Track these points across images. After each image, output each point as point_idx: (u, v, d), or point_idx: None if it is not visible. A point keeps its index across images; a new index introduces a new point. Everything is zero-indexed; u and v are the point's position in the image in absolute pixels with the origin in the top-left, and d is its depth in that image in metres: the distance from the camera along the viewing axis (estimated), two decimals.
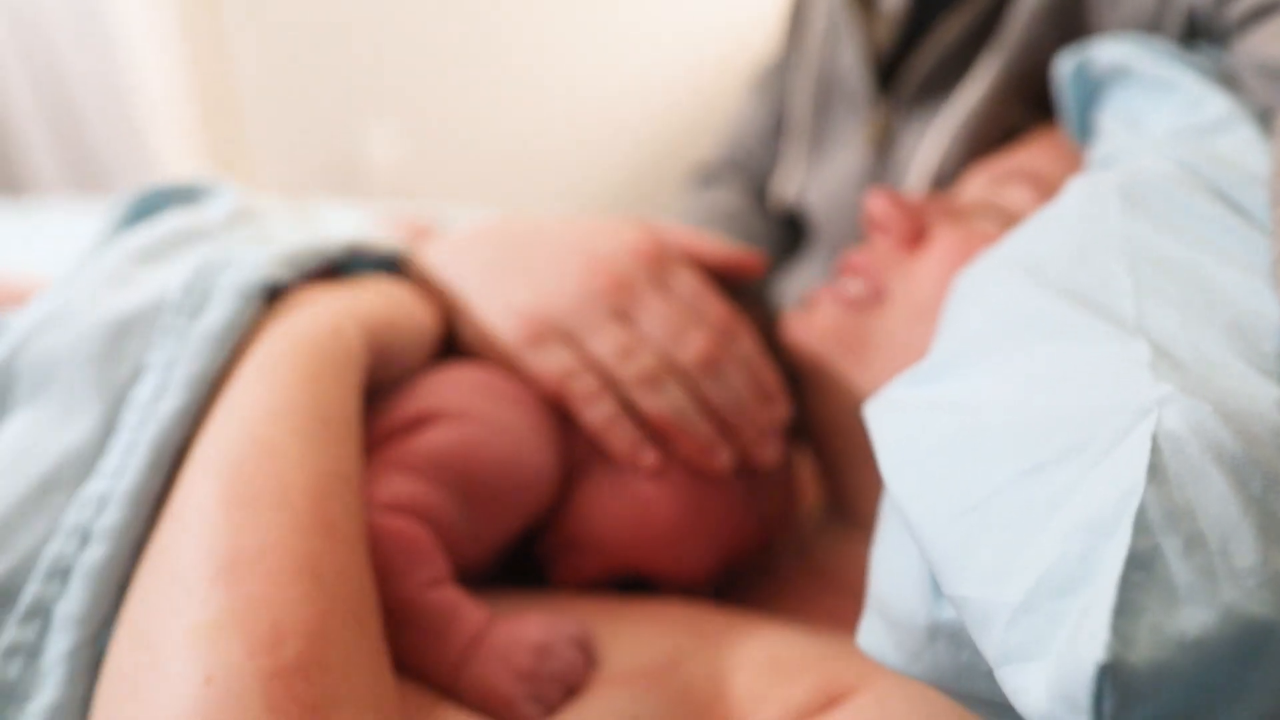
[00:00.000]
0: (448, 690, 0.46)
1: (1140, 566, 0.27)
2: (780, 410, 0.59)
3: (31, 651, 0.38)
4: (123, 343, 0.47)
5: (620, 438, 0.55)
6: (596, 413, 0.55)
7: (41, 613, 0.39)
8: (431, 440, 0.52)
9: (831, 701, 0.44)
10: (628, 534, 0.56)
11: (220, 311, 0.48)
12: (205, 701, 0.34)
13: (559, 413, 0.57)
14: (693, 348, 0.56)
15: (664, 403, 0.55)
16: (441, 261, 0.62)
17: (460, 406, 0.54)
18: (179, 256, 0.53)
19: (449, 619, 0.47)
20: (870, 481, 0.62)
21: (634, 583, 0.59)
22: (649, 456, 0.56)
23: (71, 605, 0.39)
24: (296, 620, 0.37)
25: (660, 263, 0.59)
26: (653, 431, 0.56)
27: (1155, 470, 0.29)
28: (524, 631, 0.47)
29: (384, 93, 2.33)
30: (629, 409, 0.56)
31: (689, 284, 0.59)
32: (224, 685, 0.34)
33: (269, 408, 0.44)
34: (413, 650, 0.46)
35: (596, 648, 0.48)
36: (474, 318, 0.59)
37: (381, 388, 0.54)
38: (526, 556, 0.60)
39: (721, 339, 0.57)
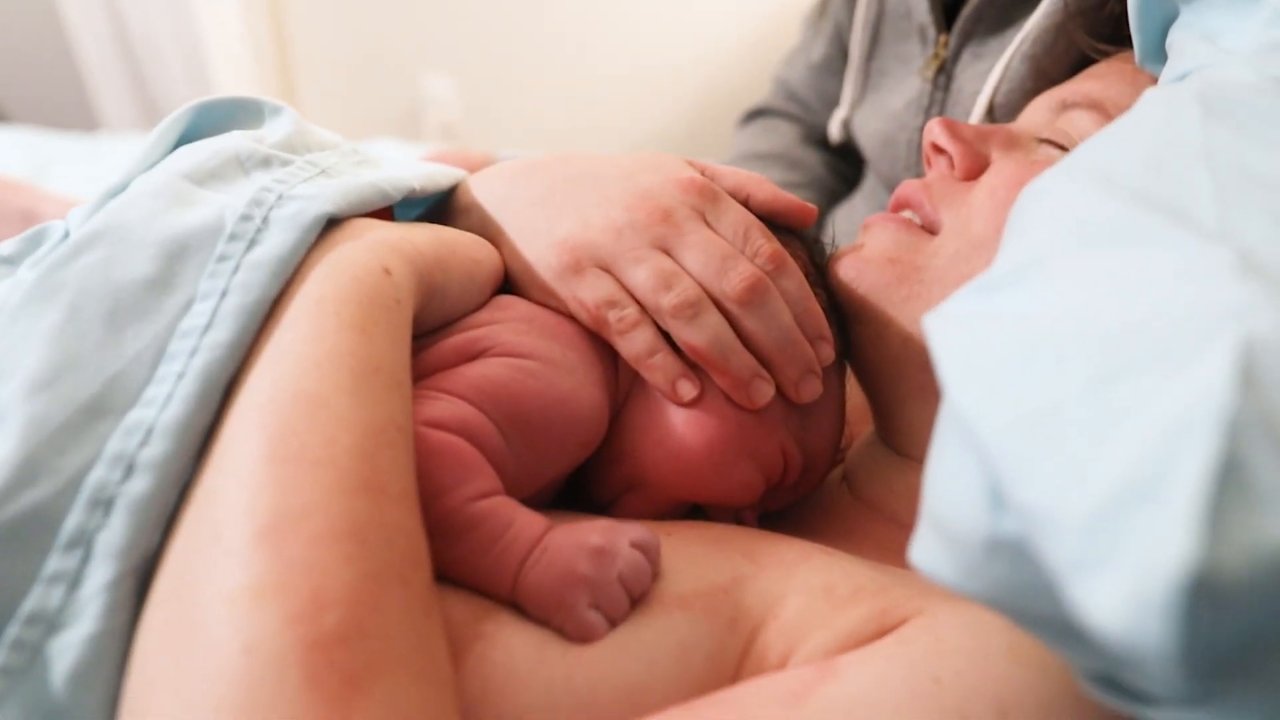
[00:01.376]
0: (504, 599, 0.44)
1: (1227, 472, 0.25)
2: (825, 350, 0.58)
3: (73, 581, 0.38)
4: (178, 265, 0.45)
5: (658, 369, 0.54)
6: (634, 343, 0.54)
7: (83, 542, 0.38)
8: (481, 372, 0.51)
9: (884, 629, 0.42)
10: (672, 464, 0.55)
11: (277, 243, 0.46)
12: (244, 672, 0.33)
13: (607, 347, 0.56)
14: (735, 280, 0.54)
15: (701, 334, 0.53)
16: (489, 193, 0.61)
17: (509, 340, 0.53)
18: (239, 180, 0.51)
19: (505, 526, 0.45)
20: (922, 420, 0.61)
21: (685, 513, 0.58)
22: (686, 390, 0.54)
23: (113, 537, 0.38)
24: (338, 587, 0.36)
25: (706, 196, 0.57)
26: (693, 362, 0.55)
27: (1243, 374, 0.27)
28: (585, 536, 0.45)
29: (441, 47, 2.32)
30: (670, 340, 0.55)
31: (736, 218, 0.57)
32: (263, 655, 0.34)
33: (316, 356, 0.42)
34: (466, 561, 0.45)
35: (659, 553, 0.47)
36: (517, 249, 0.58)
37: (432, 328, 0.53)
38: (570, 498, 0.59)
39: (766, 273, 0.55)
